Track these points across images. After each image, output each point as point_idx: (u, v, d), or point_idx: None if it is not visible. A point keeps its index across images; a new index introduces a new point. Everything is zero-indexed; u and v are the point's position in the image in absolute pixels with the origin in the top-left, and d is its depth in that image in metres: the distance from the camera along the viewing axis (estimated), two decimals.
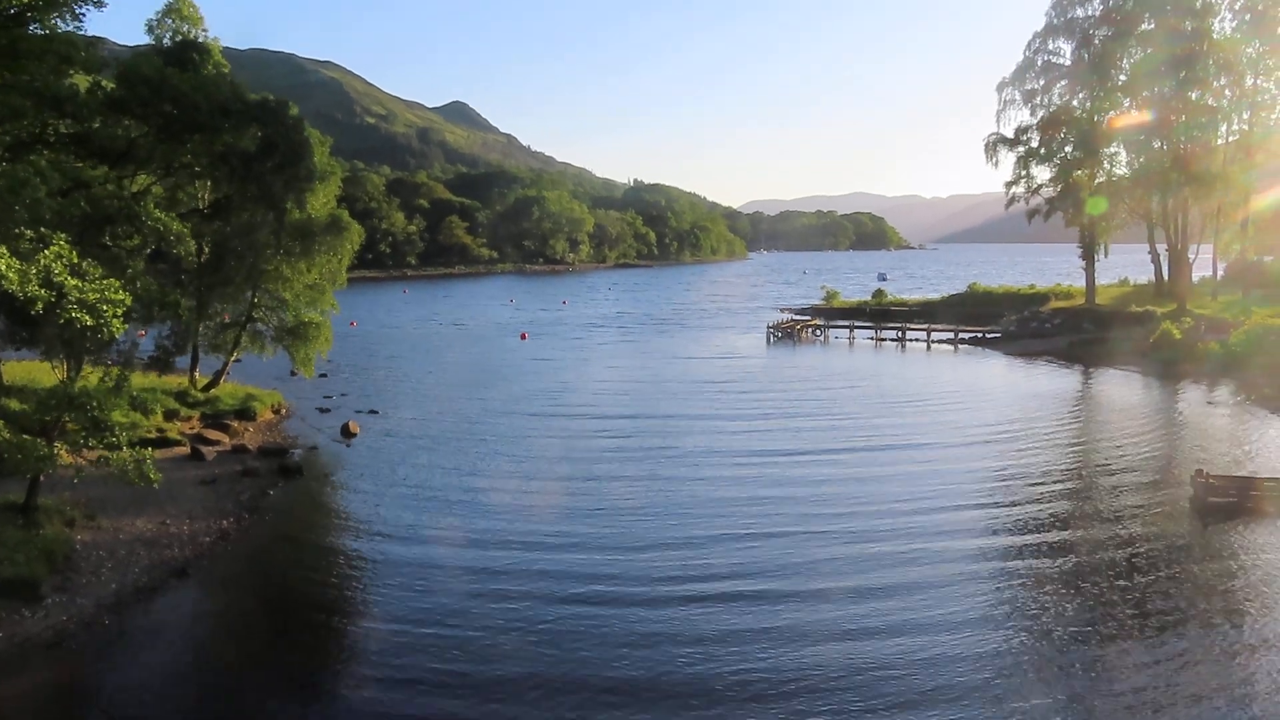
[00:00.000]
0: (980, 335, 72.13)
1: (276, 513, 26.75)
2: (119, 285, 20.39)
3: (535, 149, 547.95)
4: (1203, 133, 73.01)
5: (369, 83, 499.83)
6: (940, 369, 58.07)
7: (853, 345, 71.81)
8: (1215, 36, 71.41)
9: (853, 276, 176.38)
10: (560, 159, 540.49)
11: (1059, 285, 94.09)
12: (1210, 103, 72.27)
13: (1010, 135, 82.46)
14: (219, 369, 41.90)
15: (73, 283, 19.32)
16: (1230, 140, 74.75)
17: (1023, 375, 55.05)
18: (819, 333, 78.55)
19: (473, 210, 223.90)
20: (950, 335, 71.71)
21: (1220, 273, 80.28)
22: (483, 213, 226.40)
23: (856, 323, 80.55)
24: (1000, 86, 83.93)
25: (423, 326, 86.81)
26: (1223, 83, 72.34)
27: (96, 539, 22.44)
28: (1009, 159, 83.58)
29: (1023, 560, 22.43)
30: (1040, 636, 17.86)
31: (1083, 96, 78.13)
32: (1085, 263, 79.02)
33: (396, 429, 38.25)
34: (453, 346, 70.61)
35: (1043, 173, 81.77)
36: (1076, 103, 78.92)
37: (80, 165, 28.50)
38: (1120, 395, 48.06)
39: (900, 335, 72.92)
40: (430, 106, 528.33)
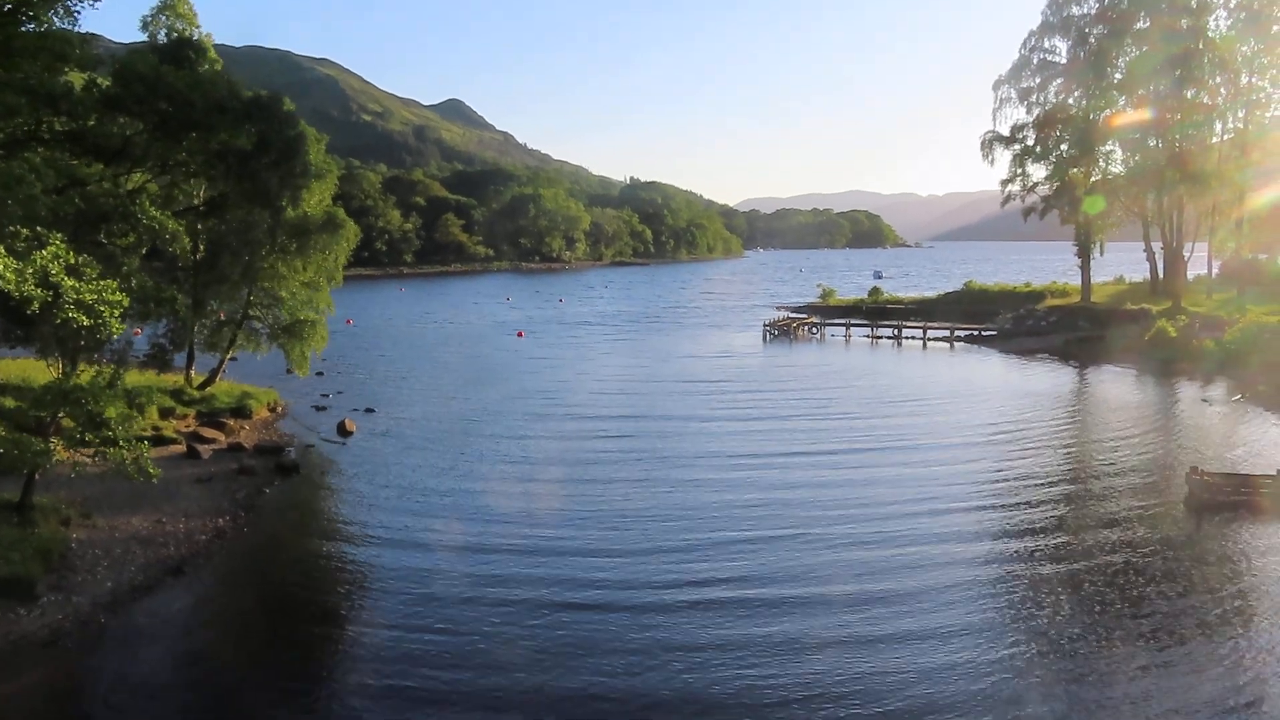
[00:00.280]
0: (976, 333, 72.24)
1: (272, 511, 26.74)
2: (116, 286, 20.33)
3: (532, 147, 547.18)
4: (1198, 131, 73.27)
5: (365, 80, 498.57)
6: (936, 367, 58.18)
7: (849, 343, 71.89)
8: (1211, 35, 71.66)
9: (849, 274, 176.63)
10: (557, 157, 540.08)
11: (1055, 283, 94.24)
12: (1206, 101, 72.51)
13: (1006, 133, 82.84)
14: (215, 367, 41.83)
15: (70, 283, 19.25)
16: (1225, 138, 75.03)
17: (1018, 373, 55.14)
18: (815, 331, 78.58)
19: (469, 208, 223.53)
20: (946, 333, 71.79)
21: (1215, 271, 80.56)
22: (479, 210, 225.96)
23: (853, 321, 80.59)
24: (996, 84, 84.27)
25: (419, 324, 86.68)
26: (1218, 81, 72.61)
27: (92, 537, 22.40)
28: (1005, 157, 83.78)
29: (1019, 561, 22.43)
30: (1038, 639, 17.77)
31: (1078, 95, 78.33)
32: (1081, 261, 79.18)
33: (393, 427, 38.22)
34: (449, 344, 70.52)
35: (1038, 171, 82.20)
36: (1072, 101, 79.15)
37: (75, 163, 28.35)
38: (1115, 393, 48.17)
39: (896, 333, 73.10)
40: (426, 104, 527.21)
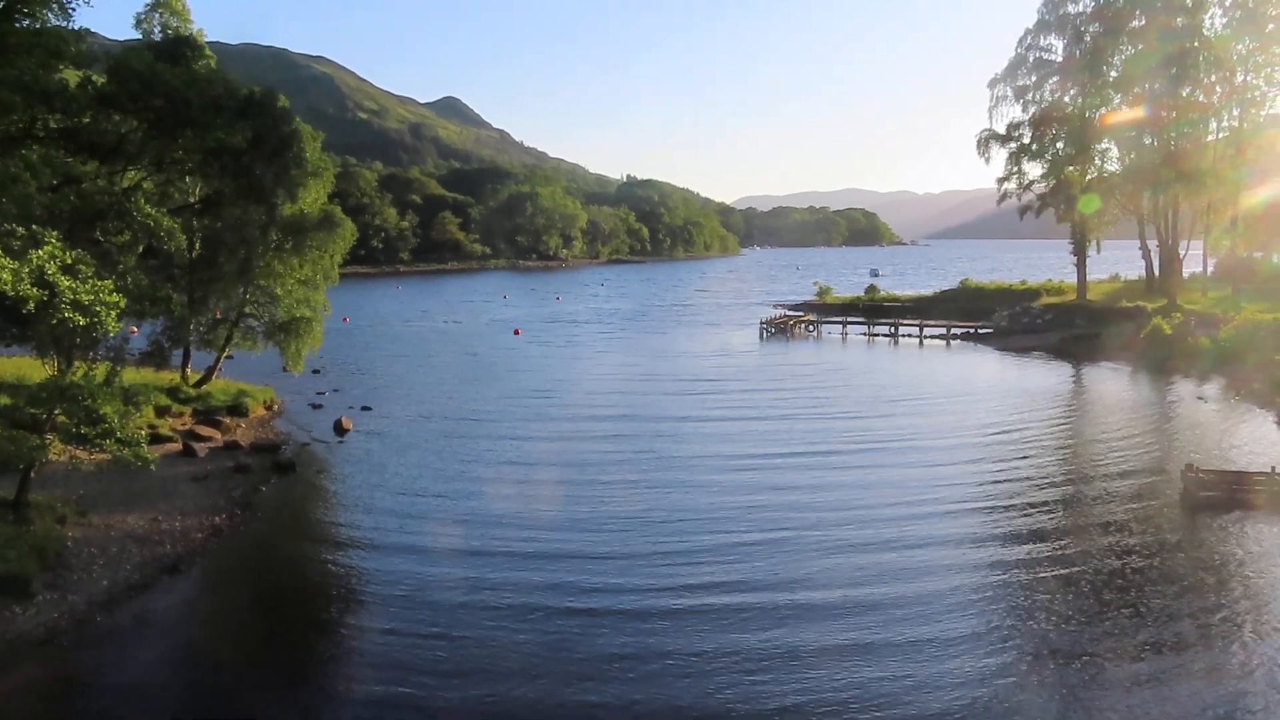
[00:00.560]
0: (972, 331, 72.34)
1: (269, 509, 26.72)
2: (112, 286, 20.29)
3: (528, 145, 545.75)
4: (1193, 129, 73.41)
5: (361, 78, 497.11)
6: (933, 365, 58.26)
7: (846, 341, 71.94)
8: (1206, 33, 71.76)
9: (845, 273, 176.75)
10: (553, 155, 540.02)
11: (1051, 281, 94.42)
12: (1201, 100, 72.61)
13: (1002, 131, 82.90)
14: (211, 365, 41.77)
15: (66, 282, 19.21)
16: (1221, 137, 75.16)
17: (1015, 371, 55.22)
18: (812, 329, 78.62)
19: (466, 206, 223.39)
20: (943, 331, 71.89)
21: (1211, 269, 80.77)
22: (476, 208, 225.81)
23: (849, 319, 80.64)
24: (992, 83, 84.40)
25: (416, 322, 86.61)
26: (1213, 79, 72.68)
27: (88, 535, 22.39)
28: (1001, 155, 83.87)
29: (1018, 562, 22.39)
30: (1036, 645, 17.52)
31: (1074, 93, 78.45)
32: (1077, 259, 79.31)
33: (389, 425, 38.19)
34: (446, 342, 70.47)
35: (1035, 169, 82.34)
36: (1068, 99, 79.24)
37: (70, 160, 28.30)
38: (1111, 390, 48.28)
39: (893, 331, 73.15)
40: (423, 102, 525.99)
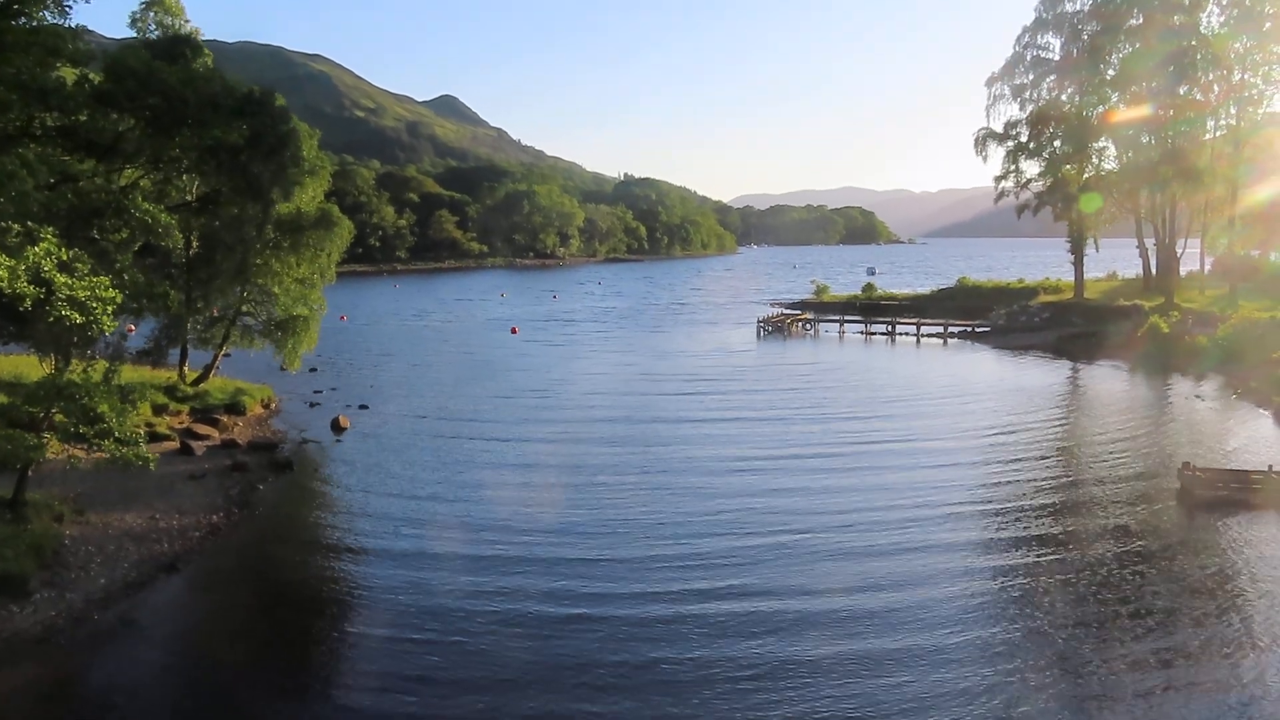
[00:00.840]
0: (970, 329, 72.43)
1: (266, 508, 26.69)
2: (109, 283, 20.25)
3: (525, 143, 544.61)
4: (1191, 128, 73.38)
5: (358, 76, 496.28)
6: (930, 364, 58.30)
7: (843, 339, 71.98)
8: (1204, 32, 71.77)
9: (843, 271, 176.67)
10: (550, 153, 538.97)
11: (1048, 279, 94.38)
12: (1199, 98, 72.66)
13: (1000, 130, 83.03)
14: (208, 363, 41.71)
15: (62, 280, 19.16)
16: (1219, 135, 75.16)
17: (1012, 369, 55.28)
18: (809, 327, 78.67)
19: (463, 204, 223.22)
20: (940, 329, 71.90)
21: (1208, 267, 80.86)
22: (473, 207, 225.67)
23: (847, 317, 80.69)
24: (990, 81, 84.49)
25: (413, 321, 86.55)
26: (1211, 78, 72.71)
27: (85, 534, 22.35)
28: (998, 154, 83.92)
29: (1017, 564, 22.30)
30: (1036, 651, 17.30)
31: (1072, 91, 78.53)
32: (1074, 257, 79.39)
33: (387, 424, 38.16)
34: (443, 340, 70.43)
35: (1032, 167, 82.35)
36: (1066, 97, 79.34)
37: (67, 159, 28.25)
38: (1108, 389, 48.33)
39: (890, 329, 73.19)
40: (420, 100, 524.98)
